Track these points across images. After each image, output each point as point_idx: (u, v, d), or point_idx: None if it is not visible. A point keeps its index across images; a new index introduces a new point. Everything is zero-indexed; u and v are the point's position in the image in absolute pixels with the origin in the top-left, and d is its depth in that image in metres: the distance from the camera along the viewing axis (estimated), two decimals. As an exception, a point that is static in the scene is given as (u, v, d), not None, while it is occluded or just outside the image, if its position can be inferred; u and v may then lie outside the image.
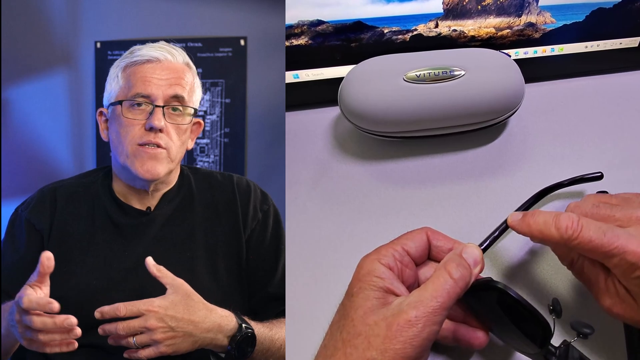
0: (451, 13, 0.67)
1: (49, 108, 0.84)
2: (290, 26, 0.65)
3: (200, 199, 0.57)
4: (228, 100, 0.81)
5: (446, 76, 0.58)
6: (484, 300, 0.43)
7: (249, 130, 0.82)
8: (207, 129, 0.82)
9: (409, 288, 0.44)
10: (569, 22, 0.70)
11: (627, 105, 0.69)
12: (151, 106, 0.53)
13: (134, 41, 0.56)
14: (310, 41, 0.67)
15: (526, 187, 0.59)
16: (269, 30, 0.79)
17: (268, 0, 0.79)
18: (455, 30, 0.68)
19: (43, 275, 0.45)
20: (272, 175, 0.77)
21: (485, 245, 0.52)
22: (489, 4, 0.67)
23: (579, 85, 0.73)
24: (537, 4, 0.68)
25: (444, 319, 0.40)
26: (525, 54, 0.71)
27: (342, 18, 0.65)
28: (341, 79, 0.62)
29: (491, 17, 0.68)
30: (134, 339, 0.46)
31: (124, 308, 0.46)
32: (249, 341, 0.49)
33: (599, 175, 0.57)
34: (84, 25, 0.83)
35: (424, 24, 0.67)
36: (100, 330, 0.46)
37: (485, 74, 0.59)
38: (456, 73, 0.58)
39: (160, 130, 0.52)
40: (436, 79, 0.58)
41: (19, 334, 0.45)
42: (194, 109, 0.55)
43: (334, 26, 0.66)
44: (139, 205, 0.56)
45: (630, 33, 0.72)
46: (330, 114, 0.70)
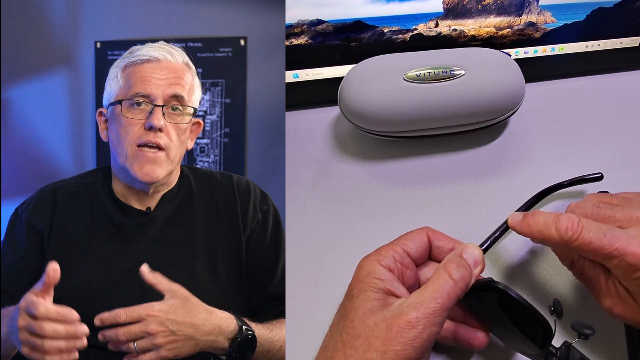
0: (451, 12, 0.67)
1: (49, 108, 0.84)
2: (290, 26, 0.65)
3: (200, 199, 0.57)
4: (228, 100, 0.81)
5: (446, 76, 0.58)
6: (484, 300, 0.43)
7: (249, 130, 0.82)
8: (207, 129, 0.82)
9: (410, 289, 0.44)
10: (569, 22, 0.70)
11: (627, 105, 0.69)
12: (151, 106, 0.53)
13: (134, 41, 0.56)
14: (310, 41, 0.66)
15: (526, 187, 0.58)
16: (269, 30, 0.79)
17: (268, 0, 0.79)
18: (455, 29, 0.68)
19: (48, 285, 0.45)
20: (272, 175, 0.77)
21: (485, 246, 0.52)
22: (489, 3, 0.67)
23: (579, 85, 0.73)
24: (538, 4, 0.68)
25: (445, 320, 0.40)
26: (525, 53, 0.71)
27: (342, 17, 0.65)
28: (341, 78, 0.62)
29: (491, 17, 0.68)
30: (134, 344, 0.45)
31: (123, 314, 0.45)
32: (249, 343, 0.49)
33: (599, 176, 0.58)
34: (84, 25, 0.83)
35: (424, 24, 0.67)
36: (100, 336, 0.46)
37: (485, 73, 0.59)
38: (456, 73, 0.58)
39: (160, 129, 0.52)
40: (436, 79, 0.58)
41: (20, 341, 0.44)
42: (194, 109, 0.55)
43: (334, 26, 0.66)
44: (138, 205, 0.56)
45: (631, 32, 0.72)
46: (330, 113, 0.70)
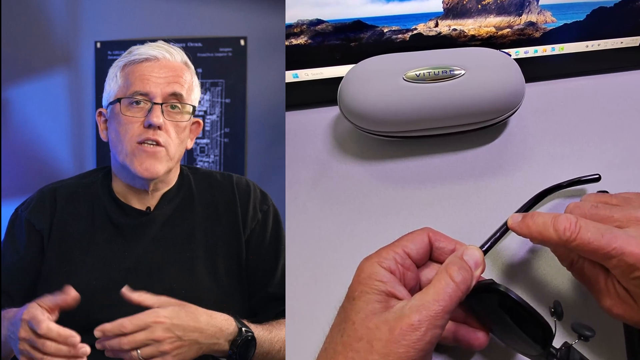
0: (451, 12, 0.67)
1: (49, 108, 0.84)
2: (290, 25, 0.65)
3: (200, 199, 0.57)
4: (228, 100, 0.81)
5: (446, 75, 0.58)
6: (485, 302, 0.43)
7: (249, 130, 0.81)
8: (207, 129, 0.82)
9: (411, 291, 0.44)
10: (569, 21, 0.69)
11: (627, 105, 0.69)
12: (150, 104, 0.53)
13: (134, 41, 0.56)
14: (309, 40, 0.66)
15: (526, 187, 0.58)
16: (269, 30, 0.79)
17: (268, 0, 0.79)
18: (455, 29, 0.68)
19: (59, 306, 0.44)
20: (272, 175, 0.77)
21: (486, 247, 0.52)
22: (489, 3, 0.67)
23: (579, 85, 0.73)
24: (538, 3, 0.68)
25: (447, 322, 0.40)
26: (525, 53, 0.71)
27: (342, 17, 0.65)
28: (341, 78, 0.62)
29: (491, 16, 0.68)
30: (138, 352, 0.44)
31: (129, 324, 0.44)
32: (249, 344, 0.48)
33: (597, 177, 0.58)
34: (84, 25, 0.83)
35: (423, 23, 0.67)
36: (98, 345, 0.44)
37: (485, 73, 0.59)
38: (456, 72, 0.58)
39: (159, 127, 0.52)
40: (436, 79, 0.58)
41: (19, 350, 0.43)
42: (193, 107, 0.55)
43: (334, 25, 0.66)
44: (138, 205, 0.56)
45: (631, 32, 0.72)
46: (329, 113, 0.70)
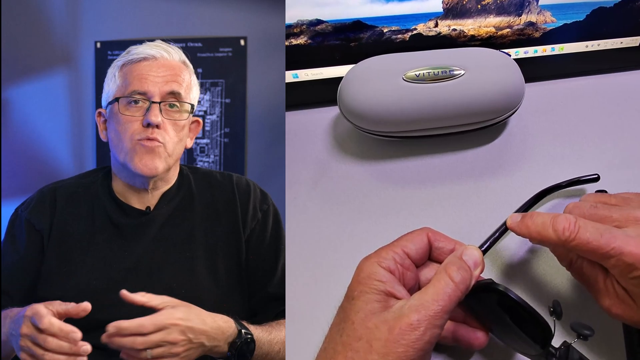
0: (451, 12, 0.67)
1: (49, 108, 0.84)
2: (290, 25, 0.65)
3: (200, 199, 0.57)
4: (228, 100, 0.81)
5: (446, 76, 0.58)
6: (484, 301, 0.43)
7: (249, 130, 0.82)
8: (207, 129, 0.82)
9: (410, 290, 0.44)
10: (569, 21, 0.69)
11: (627, 105, 0.69)
12: (148, 103, 0.53)
13: (134, 41, 0.56)
14: (309, 41, 0.66)
15: (526, 187, 0.59)
16: (269, 30, 0.79)
17: (268, 0, 0.79)
18: (455, 29, 0.68)
19: (68, 314, 0.44)
20: (272, 175, 0.77)
21: (485, 247, 0.52)
22: (488, 3, 0.67)
23: (579, 85, 0.73)
24: (538, 3, 0.68)
25: (446, 322, 0.40)
26: (525, 53, 0.71)
27: (342, 17, 0.65)
28: (340, 78, 0.62)
29: (491, 17, 0.68)
30: (149, 352, 0.43)
31: (149, 324, 0.43)
32: (248, 347, 0.48)
33: (596, 177, 0.58)
34: (84, 25, 0.83)
35: (423, 24, 0.67)
36: (105, 339, 0.43)
37: (485, 73, 0.59)
38: (456, 72, 0.58)
39: (157, 125, 0.52)
40: (436, 79, 0.58)
41: (19, 346, 0.43)
42: (191, 105, 0.55)
43: (333, 25, 0.66)
44: (138, 205, 0.56)
45: (631, 32, 0.72)
46: (329, 113, 0.70)
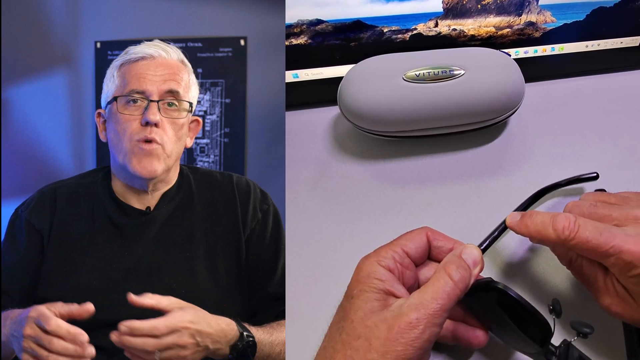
0: (451, 12, 0.67)
1: (49, 108, 0.84)
2: (290, 25, 0.65)
3: (200, 199, 0.57)
4: (228, 100, 0.81)
5: (446, 75, 0.58)
6: (484, 300, 0.43)
7: (249, 130, 0.82)
8: (207, 129, 0.82)
9: (409, 289, 0.44)
10: (569, 21, 0.69)
11: (627, 105, 0.69)
12: (146, 101, 0.53)
13: (134, 41, 0.56)
14: (309, 40, 0.66)
15: (526, 187, 0.58)
16: (269, 30, 0.79)
17: (268, 0, 0.79)
18: (455, 29, 0.68)
19: (71, 316, 0.44)
20: (272, 175, 0.77)
21: (484, 246, 0.52)
22: (489, 3, 0.67)
23: (579, 85, 0.73)
24: (538, 3, 0.68)
25: (445, 321, 0.40)
26: (525, 53, 0.71)
27: (342, 17, 0.65)
28: (340, 78, 0.62)
29: (491, 16, 0.68)
30: (158, 354, 0.43)
31: (163, 327, 0.43)
32: (250, 349, 0.48)
33: (595, 176, 0.58)
34: (84, 25, 0.83)
35: (423, 23, 0.67)
36: (115, 338, 0.43)
37: (485, 73, 0.59)
38: (456, 72, 0.58)
39: (156, 124, 0.52)
40: (436, 79, 0.58)
41: (22, 347, 0.43)
42: (190, 104, 0.55)
43: (334, 25, 0.66)
44: (138, 205, 0.56)
45: (631, 32, 0.72)
46: (329, 113, 0.70)
